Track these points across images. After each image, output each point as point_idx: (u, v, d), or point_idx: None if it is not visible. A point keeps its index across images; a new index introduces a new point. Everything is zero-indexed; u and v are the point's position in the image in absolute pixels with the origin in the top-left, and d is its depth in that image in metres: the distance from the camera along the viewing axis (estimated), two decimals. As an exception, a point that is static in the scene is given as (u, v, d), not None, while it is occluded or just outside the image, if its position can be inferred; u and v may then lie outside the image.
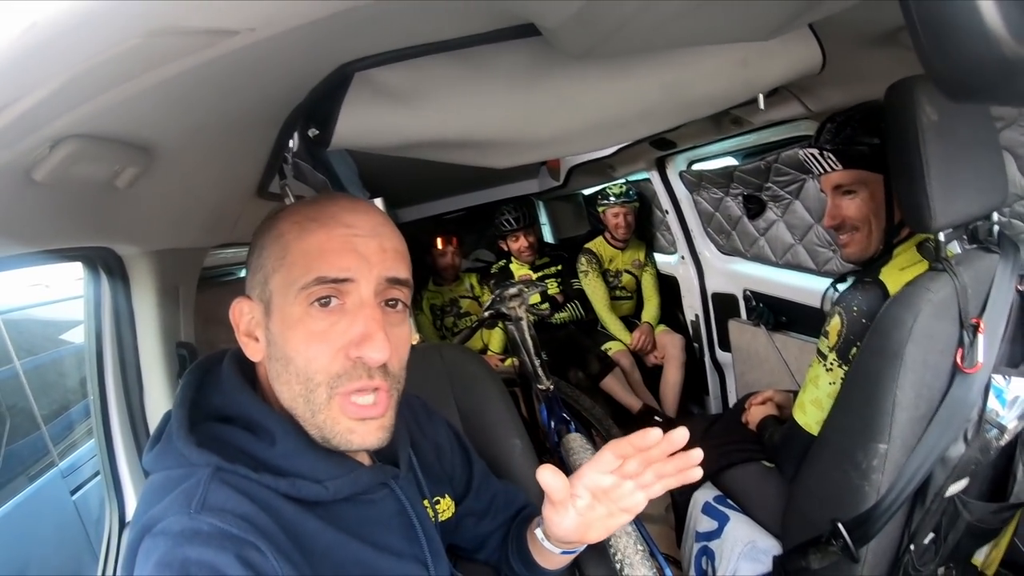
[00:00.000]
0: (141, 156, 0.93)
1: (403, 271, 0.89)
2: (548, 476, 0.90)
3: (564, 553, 1.10)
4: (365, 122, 1.10)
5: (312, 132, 1.15)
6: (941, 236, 1.34)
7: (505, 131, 1.22)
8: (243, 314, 0.90)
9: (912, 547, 1.41)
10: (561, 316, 4.24)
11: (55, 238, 1.04)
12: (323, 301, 0.83)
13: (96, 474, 2.87)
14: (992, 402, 1.31)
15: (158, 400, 1.46)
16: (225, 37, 0.63)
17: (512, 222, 4.23)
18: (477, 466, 1.25)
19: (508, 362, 3.79)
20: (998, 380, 1.31)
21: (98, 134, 0.81)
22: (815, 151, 1.58)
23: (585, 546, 1.09)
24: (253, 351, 0.90)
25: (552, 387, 2.72)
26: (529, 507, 1.28)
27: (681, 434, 0.86)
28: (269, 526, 0.76)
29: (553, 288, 4.31)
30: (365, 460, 0.98)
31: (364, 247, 0.84)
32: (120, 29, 0.52)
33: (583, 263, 4.16)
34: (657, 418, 3.56)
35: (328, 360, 0.83)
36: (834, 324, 1.49)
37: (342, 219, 0.85)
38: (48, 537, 3.00)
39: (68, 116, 0.72)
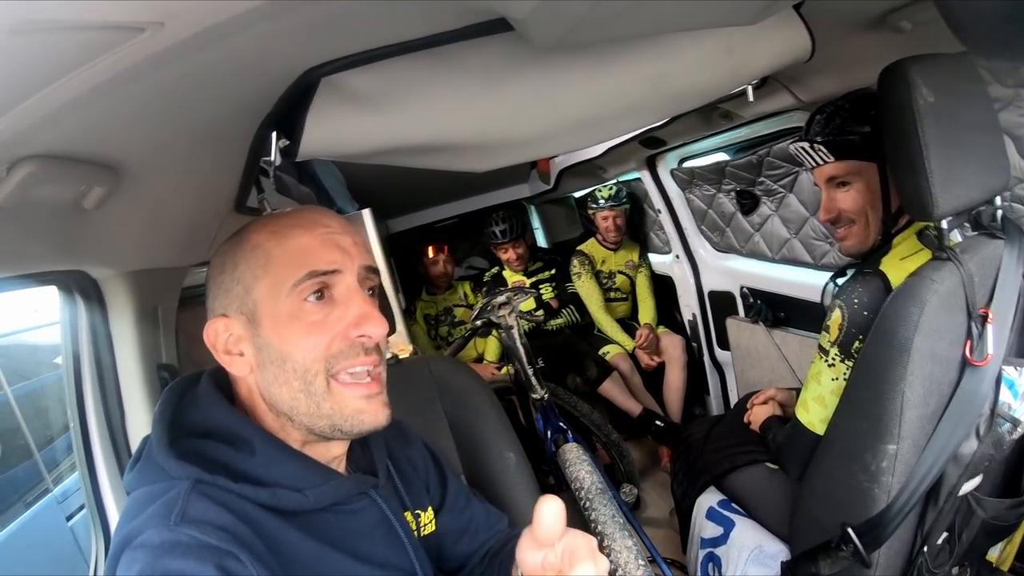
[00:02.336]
0: (107, 175, 0.93)
1: (374, 260, 0.97)
2: (545, 511, 0.74)
3: None
4: (334, 129, 1.07)
5: (283, 143, 1.13)
6: (943, 224, 1.30)
7: (482, 133, 1.18)
8: (219, 334, 0.90)
9: (926, 548, 1.38)
10: (556, 322, 4.17)
11: (23, 263, 1.03)
12: (315, 295, 0.88)
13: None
14: (1004, 395, 1.27)
15: (140, 425, 1.43)
16: (131, 33, 0.59)
17: (501, 234, 4.15)
18: (452, 486, 1.24)
19: (504, 370, 3.73)
20: (1009, 372, 1.28)
21: (58, 153, 0.81)
22: (806, 144, 1.56)
23: None
24: (239, 367, 0.91)
25: (546, 396, 2.68)
26: (514, 532, 1.21)
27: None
28: (248, 537, 0.77)
29: (548, 293, 4.27)
30: (343, 471, 1.00)
31: (343, 242, 0.92)
32: None
33: (575, 265, 4.11)
34: (658, 422, 3.51)
35: (326, 346, 0.87)
36: (835, 318, 1.45)
37: (320, 221, 0.93)
38: (46, 563, 3.03)
39: (15, 134, 0.68)
